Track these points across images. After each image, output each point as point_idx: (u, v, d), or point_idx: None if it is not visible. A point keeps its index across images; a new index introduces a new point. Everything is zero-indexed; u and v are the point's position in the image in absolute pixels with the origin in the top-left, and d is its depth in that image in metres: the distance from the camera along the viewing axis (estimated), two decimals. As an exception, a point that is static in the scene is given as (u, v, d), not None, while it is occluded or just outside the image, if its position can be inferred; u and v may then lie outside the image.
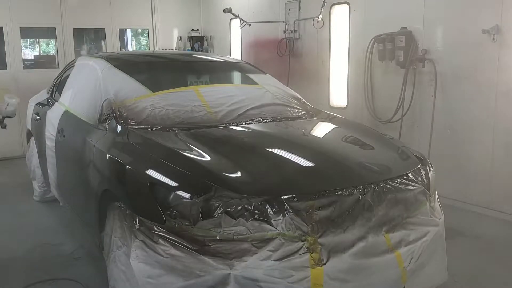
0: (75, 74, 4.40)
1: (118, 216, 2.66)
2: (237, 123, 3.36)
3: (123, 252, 2.54)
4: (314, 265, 2.30)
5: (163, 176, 2.54)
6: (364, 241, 2.47)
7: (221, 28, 8.49)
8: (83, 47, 8.34)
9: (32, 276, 3.49)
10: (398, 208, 2.67)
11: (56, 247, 4.01)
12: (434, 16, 5.02)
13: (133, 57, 4.73)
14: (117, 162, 2.90)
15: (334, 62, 6.41)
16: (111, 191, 2.88)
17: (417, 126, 5.34)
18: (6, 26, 7.19)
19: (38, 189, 5.16)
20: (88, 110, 3.62)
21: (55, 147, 4.07)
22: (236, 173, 2.58)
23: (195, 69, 4.40)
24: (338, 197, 2.46)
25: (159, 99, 3.49)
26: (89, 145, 3.32)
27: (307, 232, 2.34)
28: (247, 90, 4.07)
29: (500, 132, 4.60)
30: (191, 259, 2.26)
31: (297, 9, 6.81)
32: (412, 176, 2.83)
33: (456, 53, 4.87)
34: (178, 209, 2.33)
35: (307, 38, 6.77)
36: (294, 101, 3.98)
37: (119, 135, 3.16)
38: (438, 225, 2.88)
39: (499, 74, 4.52)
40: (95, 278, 3.42)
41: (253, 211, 2.30)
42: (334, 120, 3.82)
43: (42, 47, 9.05)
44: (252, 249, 2.27)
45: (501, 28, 4.43)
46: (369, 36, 5.65)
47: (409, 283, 2.61)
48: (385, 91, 5.66)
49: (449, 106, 4.99)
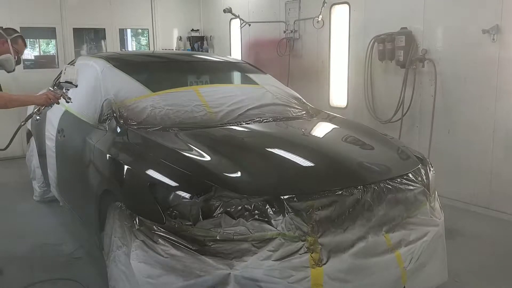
0: (75, 74, 4.40)
1: (118, 216, 2.66)
2: (237, 123, 3.36)
3: (123, 252, 2.54)
4: (314, 265, 2.30)
5: (163, 176, 2.54)
6: (364, 241, 2.47)
7: (221, 28, 8.49)
8: (83, 47, 8.34)
9: (32, 276, 3.49)
10: (398, 208, 2.68)
11: (56, 247, 4.01)
12: (434, 16, 5.02)
13: (133, 57, 4.73)
14: (117, 162, 2.90)
15: (334, 62, 6.40)
16: (111, 191, 2.88)
17: (417, 126, 5.34)
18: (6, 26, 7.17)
19: (38, 189, 5.15)
20: (88, 110, 3.62)
21: (55, 147, 4.07)
22: (236, 173, 2.58)
23: (195, 69, 4.40)
24: (338, 197, 2.46)
25: (159, 99, 3.49)
26: (89, 145, 3.32)
27: (307, 232, 2.34)
28: (247, 90, 4.07)
29: (500, 132, 4.60)
30: (191, 259, 2.26)
31: (297, 9, 6.81)
32: (412, 176, 2.83)
33: (456, 53, 4.86)
34: (178, 209, 2.33)
35: (307, 38, 6.77)
36: (294, 101, 3.98)
37: (119, 135, 3.16)
38: (438, 225, 2.88)
39: (499, 74, 4.52)
40: (95, 278, 3.42)
41: (253, 211, 2.30)
42: (334, 120, 3.82)
43: (42, 47, 9.04)
44: (252, 249, 2.27)
45: (501, 28, 4.43)
46: (369, 36, 5.65)
47: (409, 283, 2.61)
48: (385, 91, 5.66)
49: (449, 106, 4.99)
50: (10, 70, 3.68)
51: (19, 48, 3.69)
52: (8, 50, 3.58)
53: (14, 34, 3.66)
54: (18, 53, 3.68)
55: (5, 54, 3.57)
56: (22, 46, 3.73)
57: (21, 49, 3.72)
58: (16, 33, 3.69)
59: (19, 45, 3.67)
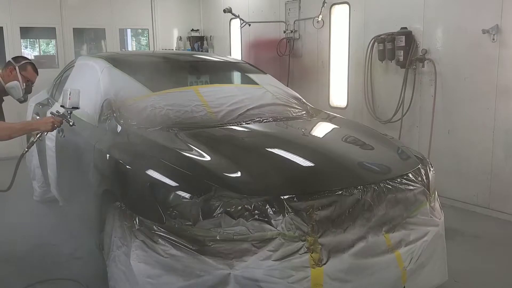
0: (75, 74, 4.40)
1: (118, 216, 2.65)
2: (237, 123, 3.36)
3: (123, 252, 2.54)
4: (314, 265, 2.30)
5: (163, 176, 2.54)
6: (364, 241, 2.47)
7: (221, 28, 8.49)
8: (83, 47, 8.34)
9: (32, 276, 3.49)
10: (398, 208, 2.67)
11: (56, 247, 4.01)
12: (434, 16, 5.02)
13: (133, 57, 4.72)
14: (117, 162, 2.90)
15: (334, 62, 6.41)
16: (111, 191, 2.88)
17: (417, 126, 5.34)
18: (6, 26, 7.19)
19: (38, 189, 5.15)
20: (88, 110, 3.62)
21: (55, 147, 4.07)
22: (236, 173, 2.58)
23: (195, 69, 4.39)
24: (338, 197, 2.46)
25: (159, 99, 3.49)
26: (89, 145, 3.32)
27: (307, 232, 2.34)
28: (247, 90, 4.06)
29: (500, 132, 4.60)
30: (191, 259, 2.26)
31: (297, 9, 6.81)
32: (412, 176, 2.83)
33: (456, 53, 4.86)
34: (178, 209, 2.33)
35: (307, 38, 6.77)
36: (294, 101, 3.98)
37: (119, 135, 3.16)
38: (438, 225, 2.88)
39: (499, 74, 4.52)
40: (95, 278, 3.42)
41: (253, 211, 2.30)
42: (334, 120, 3.82)
43: (42, 47, 9.05)
44: (252, 249, 2.27)
45: (501, 28, 4.43)
46: (369, 36, 5.65)
47: (409, 283, 2.61)
48: (385, 91, 5.66)
49: (449, 106, 4.99)
50: (18, 98, 3.57)
51: (29, 75, 3.54)
52: (16, 77, 3.47)
53: (23, 61, 3.55)
54: (28, 81, 3.54)
55: (12, 82, 3.47)
56: (32, 73, 3.57)
57: (31, 77, 3.57)
58: (25, 60, 3.58)
59: (28, 72, 3.53)
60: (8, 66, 3.52)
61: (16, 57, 3.65)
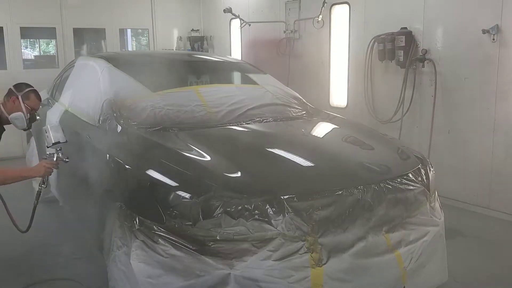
0: (75, 74, 4.40)
1: (118, 216, 2.65)
2: (237, 123, 3.36)
3: (123, 252, 2.53)
4: (314, 265, 2.30)
5: (163, 176, 2.54)
6: (364, 241, 2.47)
7: (221, 28, 8.49)
8: (83, 47, 8.34)
9: (32, 276, 3.49)
10: (398, 208, 2.67)
11: (56, 247, 4.01)
12: (434, 16, 5.02)
13: (133, 57, 4.73)
14: (117, 162, 2.90)
15: (334, 62, 6.41)
16: (111, 191, 2.88)
17: (417, 126, 5.34)
18: (6, 26, 7.19)
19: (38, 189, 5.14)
20: (88, 110, 3.62)
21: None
22: (236, 173, 2.57)
23: (195, 69, 4.39)
24: (338, 197, 2.46)
25: (159, 99, 3.49)
26: (89, 145, 3.32)
27: (307, 232, 2.34)
28: (247, 90, 4.07)
29: (500, 132, 4.60)
30: (191, 259, 2.26)
31: (297, 9, 6.81)
32: (412, 176, 2.83)
33: (456, 53, 4.86)
34: (178, 209, 2.33)
35: (307, 38, 6.77)
36: (294, 101, 3.98)
37: (119, 135, 3.15)
38: (438, 225, 2.88)
39: (499, 74, 4.52)
40: (95, 278, 3.42)
41: (253, 211, 2.29)
42: (334, 120, 3.82)
43: (42, 47, 9.05)
44: (252, 249, 2.27)
45: (501, 28, 4.43)
46: (369, 36, 5.65)
47: (409, 283, 2.61)
48: (385, 91, 5.66)
49: (449, 106, 4.99)
50: (22, 128, 3.51)
51: (32, 104, 3.43)
52: (19, 107, 3.36)
53: (25, 89, 3.42)
54: (32, 110, 3.45)
55: (16, 113, 3.35)
56: (35, 101, 3.46)
57: (35, 105, 3.47)
58: (28, 88, 3.46)
59: (31, 101, 3.42)
60: (11, 95, 3.39)
61: (18, 85, 3.49)
